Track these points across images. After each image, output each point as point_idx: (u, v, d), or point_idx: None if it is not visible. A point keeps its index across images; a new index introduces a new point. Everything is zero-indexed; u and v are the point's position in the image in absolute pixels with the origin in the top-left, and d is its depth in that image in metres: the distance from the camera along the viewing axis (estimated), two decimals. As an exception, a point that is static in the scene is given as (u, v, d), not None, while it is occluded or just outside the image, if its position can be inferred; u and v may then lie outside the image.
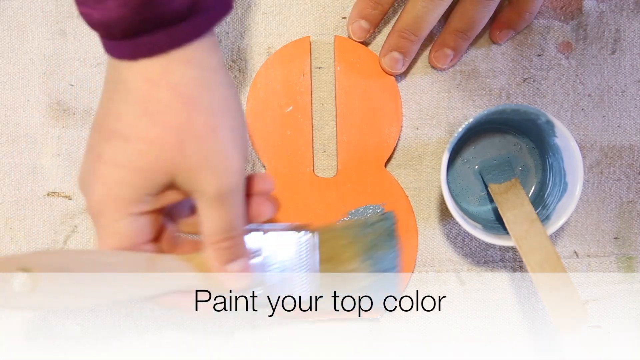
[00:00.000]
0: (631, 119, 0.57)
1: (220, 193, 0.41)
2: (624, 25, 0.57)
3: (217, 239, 0.43)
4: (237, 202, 0.43)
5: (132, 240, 0.43)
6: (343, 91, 0.56)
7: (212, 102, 0.41)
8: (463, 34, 0.54)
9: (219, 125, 0.41)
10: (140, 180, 0.41)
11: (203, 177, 0.41)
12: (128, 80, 0.40)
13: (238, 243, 0.44)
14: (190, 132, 0.40)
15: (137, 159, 0.41)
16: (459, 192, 0.56)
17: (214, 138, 0.41)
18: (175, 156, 0.41)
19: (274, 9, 0.57)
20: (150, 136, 0.40)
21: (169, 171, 0.41)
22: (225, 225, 0.43)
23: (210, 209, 0.42)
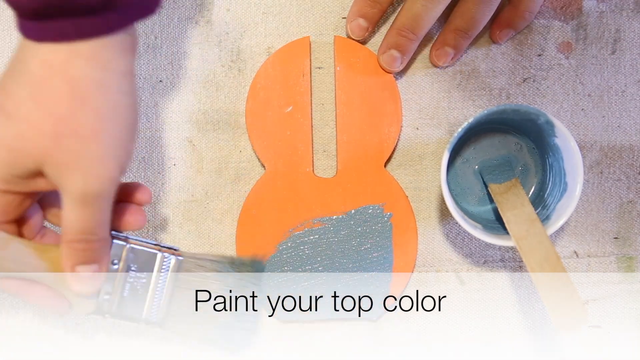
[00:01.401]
0: (631, 119, 0.57)
1: (85, 196, 0.41)
2: (624, 25, 0.57)
3: (72, 238, 0.43)
4: (102, 209, 0.43)
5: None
6: (343, 91, 0.56)
7: (103, 105, 0.41)
8: (464, 32, 0.54)
9: (102, 130, 0.41)
10: (11, 160, 0.41)
11: (71, 176, 0.41)
12: (28, 61, 0.40)
13: (94, 248, 0.44)
14: (71, 127, 0.40)
15: (14, 140, 0.41)
16: (459, 192, 0.56)
17: (93, 141, 0.41)
18: (50, 147, 0.40)
19: (274, 9, 0.57)
20: (33, 120, 0.40)
21: (39, 160, 0.41)
22: (83, 228, 0.43)
23: (71, 208, 0.42)
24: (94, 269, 0.45)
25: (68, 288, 0.45)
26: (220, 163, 0.56)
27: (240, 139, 0.57)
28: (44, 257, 0.45)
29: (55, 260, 0.45)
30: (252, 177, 0.56)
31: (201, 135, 0.56)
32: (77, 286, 0.45)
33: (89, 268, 0.44)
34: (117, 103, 0.41)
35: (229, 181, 0.56)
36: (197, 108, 0.57)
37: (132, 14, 0.41)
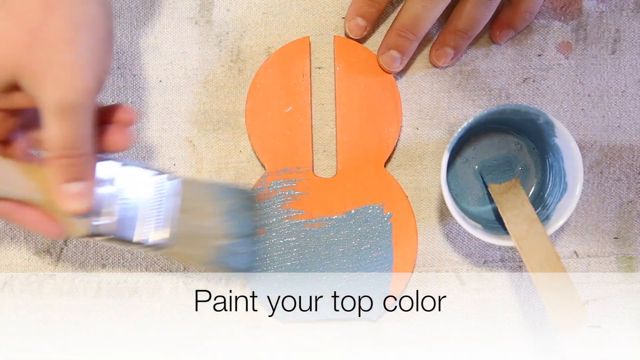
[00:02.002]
0: (631, 119, 0.57)
1: (63, 107, 0.40)
2: (624, 25, 0.57)
3: (56, 154, 0.42)
4: (81, 121, 0.41)
5: None
6: (343, 91, 0.56)
7: (77, 14, 0.40)
8: (464, 33, 0.54)
9: (76, 39, 0.40)
10: None
11: (47, 86, 0.40)
12: None
13: (81, 163, 0.43)
14: (43, 36, 0.39)
15: None
16: (459, 192, 0.56)
17: (66, 49, 0.40)
18: (22, 56, 0.39)
19: (274, 9, 0.57)
20: (2, 29, 0.39)
21: (14, 72, 0.40)
22: (64, 141, 0.41)
23: (51, 121, 0.41)
24: (82, 185, 0.43)
25: (58, 207, 0.44)
26: (220, 163, 0.56)
27: (240, 139, 0.57)
28: (33, 177, 0.43)
29: (43, 180, 0.43)
30: (252, 177, 0.56)
31: (201, 135, 0.56)
32: (66, 204, 0.43)
33: (77, 185, 0.43)
34: (90, 12, 0.41)
35: (229, 181, 0.56)
36: (197, 108, 0.57)
37: None
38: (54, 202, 0.44)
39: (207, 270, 0.53)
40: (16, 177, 0.43)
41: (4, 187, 0.43)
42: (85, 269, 0.56)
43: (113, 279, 0.56)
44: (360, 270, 0.55)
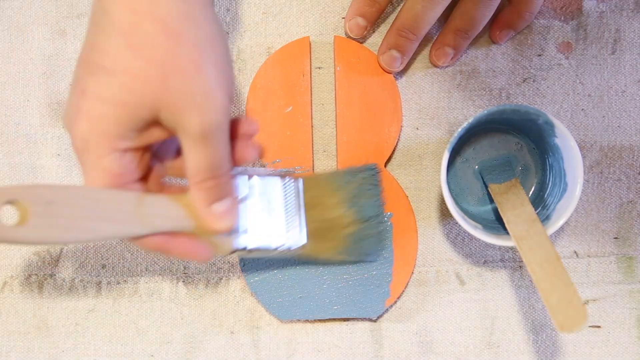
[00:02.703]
0: (631, 119, 0.57)
1: (204, 130, 0.41)
2: (624, 25, 0.57)
3: (201, 178, 0.42)
4: (221, 140, 0.42)
5: (119, 178, 0.42)
6: (343, 91, 0.56)
7: (197, 37, 0.40)
8: (464, 33, 0.55)
9: (204, 62, 0.40)
10: (125, 115, 0.40)
11: (186, 114, 0.40)
12: (113, 12, 0.40)
13: (223, 183, 0.43)
14: (175, 66, 0.40)
15: (120, 93, 0.40)
16: (459, 192, 0.56)
17: (198, 74, 0.40)
18: (158, 90, 0.40)
19: (274, 9, 0.57)
20: (134, 69, 0.40)
21: (152, 106, 0.40)
22: (209, 164, 0.42)
23: (194, 147, 0.41)
24: (228, 203, 0.44)
25: (208, 229, 0.44)
26: (220, 163, 0.56)
27: (240, 139, 0.56)
28: (180, 206, 0.44)
29: (188, 206, 0.44)
30: (252, 177, 0.56)
31: (201, 135, 0.56)
32: (217, 224, 0.44)
33: (223, 203, 0.44)
34: (209, 32, 0.41)
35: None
36: (197, 108, 0.56)
37: None
38: (202, 225, 0.44)
39: (342, 259, 0.54)
40: (164, 211, 0.44)
41: (157, 221, 0.44)
42: (85, 269, 0.56)
43: (113, 279, 0.56)
44: (361, 270, 0.55)
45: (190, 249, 0.45)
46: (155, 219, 0.43)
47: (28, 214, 0.39)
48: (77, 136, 0.41)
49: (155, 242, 0.44)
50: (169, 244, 0.45)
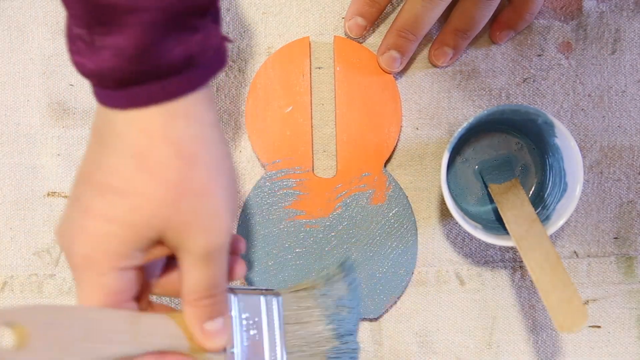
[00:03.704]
0: (631, 119, 0.57)
1: (208, 252, 0.41)
2: (624, 25, 0.57)
3: (198, 297, 0.42)
4: (223, 261, 0.42)
5: (117, 297, 0.41)
6: (343, 91, 0.56)
7: (209, 160, 0.40)
8: (463, 33, 0.54)
9: (215, 184, 0.40)
10: (131, 236, 0.40)
11: (193, 235, 0.40)
12: (125, 133, 0.39)
13: (220, 302, 0.43)
14: (188, 189, 0.40)
15: (131, 214, 0.40)
16: (459, 192, 0.56)
17: (209, 197, 0.40)
18: (169, 212, 0.40)
19: (274, 9, 0.57)
20: (147, 192, 0.39)
21: (161, 227, 0.40)
22: (208, 283, 0.42)
23: (195, 266, 0.41)
24: (221, 322, 0.44)
25: (202, 347, 0.44)
26: (220, 163, 0.56)
27: (241, 139, 0.57)
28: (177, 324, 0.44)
29: (183, 324, 0.44)
30: (252, 177, 0.56)
31: (201, 136, 0.56)
32: (210, 343, 0.44)
33: (217, 322, 0.44)
34: (219, 155, 0.41)
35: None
36: (197, 108, 0.56)
37: (211, 68, 0.41)
38: (196, 344, 0.44)
39: None
40: (160, 329, 0.44)
41: (150, 341, 0.43)
42: (85, 269, 0.56)
43: (113, 279, 0.56)
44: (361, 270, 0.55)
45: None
46: (152, 338, 0.43)
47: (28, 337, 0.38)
48: (77, 253, 0.41)
49: None
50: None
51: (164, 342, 0.44)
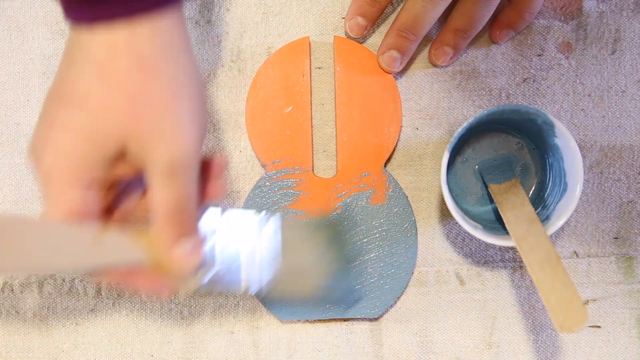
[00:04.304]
0: (631, 119, 0.57)
1: (172, 165, 0.41)
2: (624, 25, 0.57)
3: (166, 215, 0.42)
4: (190, 176, 0.42)
5: (80, 211, 0.42)
6: (343, 91, 0.56)
7: (174, 72, 0.41)
8: (463, 32, 0.54)
9: (179, 96, 0.41)
10: (91, 147, 0.40)
11: (156, 147, 0.40)
12: (89, 47, 0.40)
13: (189, 221, 0.43)
14: (148, 100, 0.40)
15: (90, 125, 0.40)
16: (459, 192, 0.56)
17: (172, 108, 0.40)
18: (129, 123, 0.40)
19: (274, 9, 0.57)
20: (106, 102, 0.40)
21: (121, 139, 0.40)
22: (175, 200, 0.42)
23: (160, 181, 0.41)
24: (192, 242, 0.44)
25: (169, 267, 0.44)
26: (220, 163, 0.56)
27: (240, 139, 0.57)
28: (141, 242, 0.44)
29: (150, 243, 0.44)
30: (252, 177, 0.56)
31: (201, 135, 0.56)
32: (180, 264, 0.44)
33: (188, 242, 0.43)
34: (185, 69, 0.41)
35: (229, 181, 0.56)
36: (197, 108, 0.56)
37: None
38: (164, 263, 0.44)
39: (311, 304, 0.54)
40: (125, 245, 0.44)
41: (115, 256, 0.43)
42: (85, 269, 0.56)
43: (113, 279, 0.56)
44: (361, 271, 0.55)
45: (152, 286, 0.45)
46: (115, 253, 0.43)
47: None
48: (43, 167, 0.41)
49: (115, 276, 0.44)
50: (129, 278, 0.44)
51: (128, 259, 0.43)
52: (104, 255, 0.43)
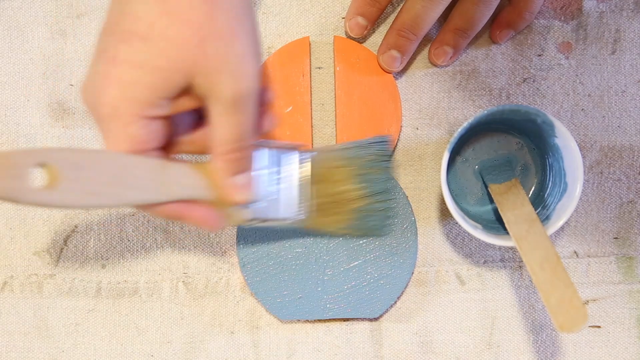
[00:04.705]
0: (631, 119, 0.57)
1: (237, 97, 0.41)
2: (624, 25, 0.57)
3: (228, 149, 0.43)
4: (252, 109, 0.42)
5: (144, 145, 0.42)
6: (343, 91, 0.56)
7: (233, 5, 0.40)
8: (463, 32, 0.55)
9: (240, 28, 0.40)
10: (158, 81, 0.40)
11: (222, 80, 0.40)
12: None
13: (247, 155, 0.44)
14: (212, 31, 0.39)
15: (157, 58, 0.39)
16: (459, 192, 0.56)
17: (235, 40, 0.40)
18: (195, 56, 0.40)
19: (274, 9, 0.57)
20: (171, 34, 0.39)
21: (188, 72, 0.40)
22: (237, 133, 0.42)
23: (224, 113, 0.41)
24: (248, 176, 0.44)
25: (228, 200, 0.45)
26: (220, 163, 0.56)
27: (240, 139, 0.56)
28: (200, 175, 0.44)
29: (210, 176, 0.44)
30: (252, 177, 0.56)
31: (201, 135, 0.56)
32: (238, 196, 0.44)
33: (245, 176, 0.44)
34: (243, 1, 0.41)
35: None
36: (197, 108, 0.56)
37: None
38: (221, 196, 0.45)
39: (346, 233, 0.55)
40: (187, 177, 0.44)
41: (177, 190, 0.44)
42: (85, 269, 0.56)
43: (113, 279, 0.56)
44: (362, 271, 0.55)
45: (206, 218, 0.45)
46: (177, 186, 0.44)
47: (58, 177, 0.38)
48: (104, 103, 0.40)
49: (172, 209, 0.44)
50: (185, 211, 0.45)
51: (189, 192, 0.44)
52: (169, 186, 0.43)
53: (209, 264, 0.56)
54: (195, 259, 0.56)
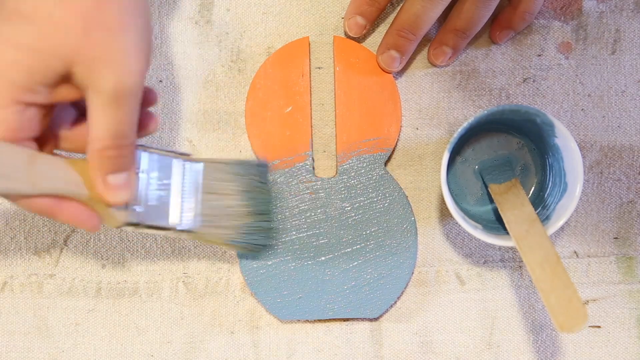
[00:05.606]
0: (631, 119, 0.57)
1: (117, 92, 0.40)
2: (624, 25, 0.57)
3: (104, 145, 0.41)
4: (132, 107, 0.41)
5: (16, 133, 0.40)
6: (342, 91, 0.56)
7: None
8: (462, 32, 0.54)
9: (130, 23, 0.40)
10: (37, 64, 0.39)
11: (103, 71, 0.39)
12: None
13: (125, 154, 0.42)
14: (100, 21, 0.39)
15: (38, 40, 0.38)
16: (459, 192, 0.56)
17: (123, 33, 0.39)
18: (78, 43, 0.39)
19: (274, 9, 0.57)
20: (55, 18, 0.38)
21: (68, 59, 0.39)
22: (116, 131, 0.41)
23: (103, 108, 0.40)
24: (125, 176, 0.43)
25: (101, 200, 0.43)
26: (220, 163, 0.56)
27: (240, 139, 0.57)
28: (74, 171, 0.43)
29: (84, 173, 0.43)
30: (252, 177, 0.56)
31: (201, 135, 0.56)
32: (112, 197, 0.43)
33: (121, 176, 0.43)
34: None
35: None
36: (197, 108, 0.57)
37: None
38: (96, 195, 0.43)
39: (231, 248, 0.54)
40: (59, 172, 0.43)
41: (46, 183, 0.42)
42: (85, 269, 0.56)
43: (113, 279, 0.56)
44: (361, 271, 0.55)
45: (79, 216, 0.44)
46: (49, 180, 0.42)
47: None
48: None
49: (42, 203, 0.43)
50: (56, 207, 0.43)
51: (61, 187, 0.42)
52: (37, 179, 0.42)
53: (209, 264, 0.56)
54: (195, 259, 0.56)
